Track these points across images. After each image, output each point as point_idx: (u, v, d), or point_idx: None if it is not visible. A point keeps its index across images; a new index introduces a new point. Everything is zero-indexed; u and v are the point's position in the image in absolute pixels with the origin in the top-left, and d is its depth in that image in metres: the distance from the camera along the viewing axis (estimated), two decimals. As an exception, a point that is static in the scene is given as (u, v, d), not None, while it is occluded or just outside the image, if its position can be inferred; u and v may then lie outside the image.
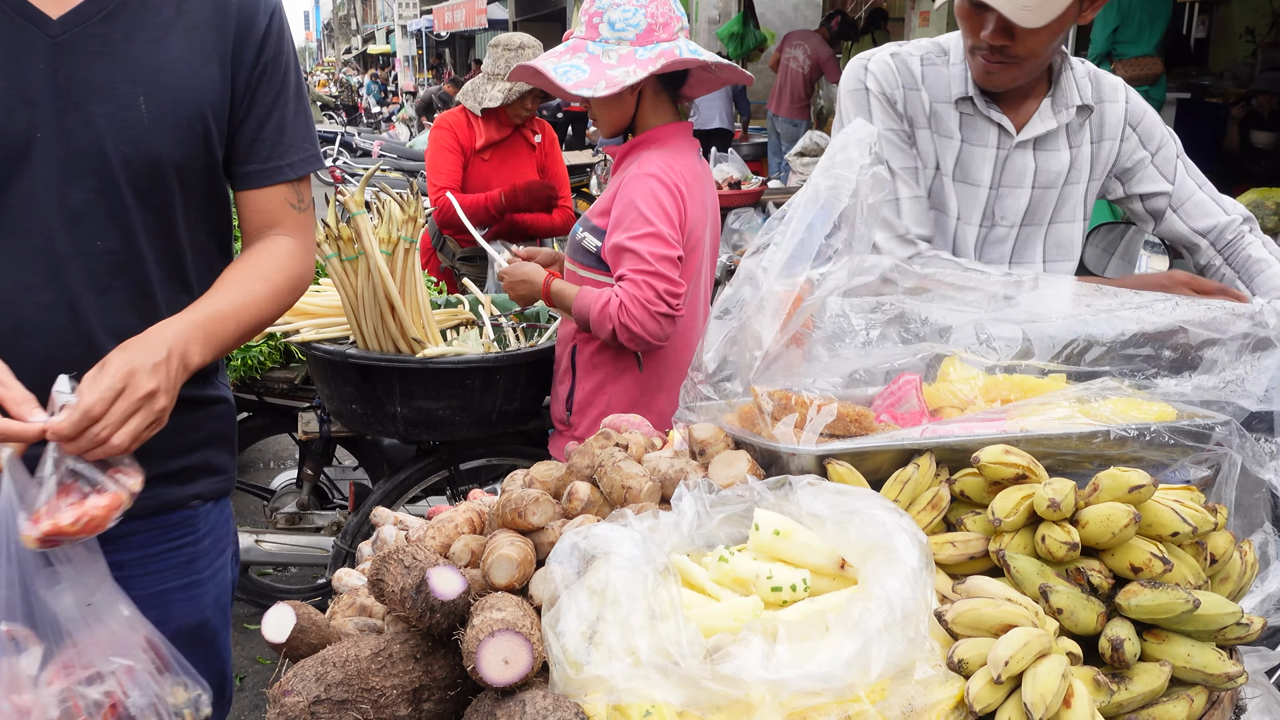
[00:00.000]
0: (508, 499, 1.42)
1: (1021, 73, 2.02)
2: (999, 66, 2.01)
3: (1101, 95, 2.17)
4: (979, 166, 2.15)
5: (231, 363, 3.21)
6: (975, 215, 2.18)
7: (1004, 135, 2.13)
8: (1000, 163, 2.14)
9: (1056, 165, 2.15)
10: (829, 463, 1.40)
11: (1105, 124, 2.18)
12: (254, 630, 4.03)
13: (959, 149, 2.16)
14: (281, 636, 1.27)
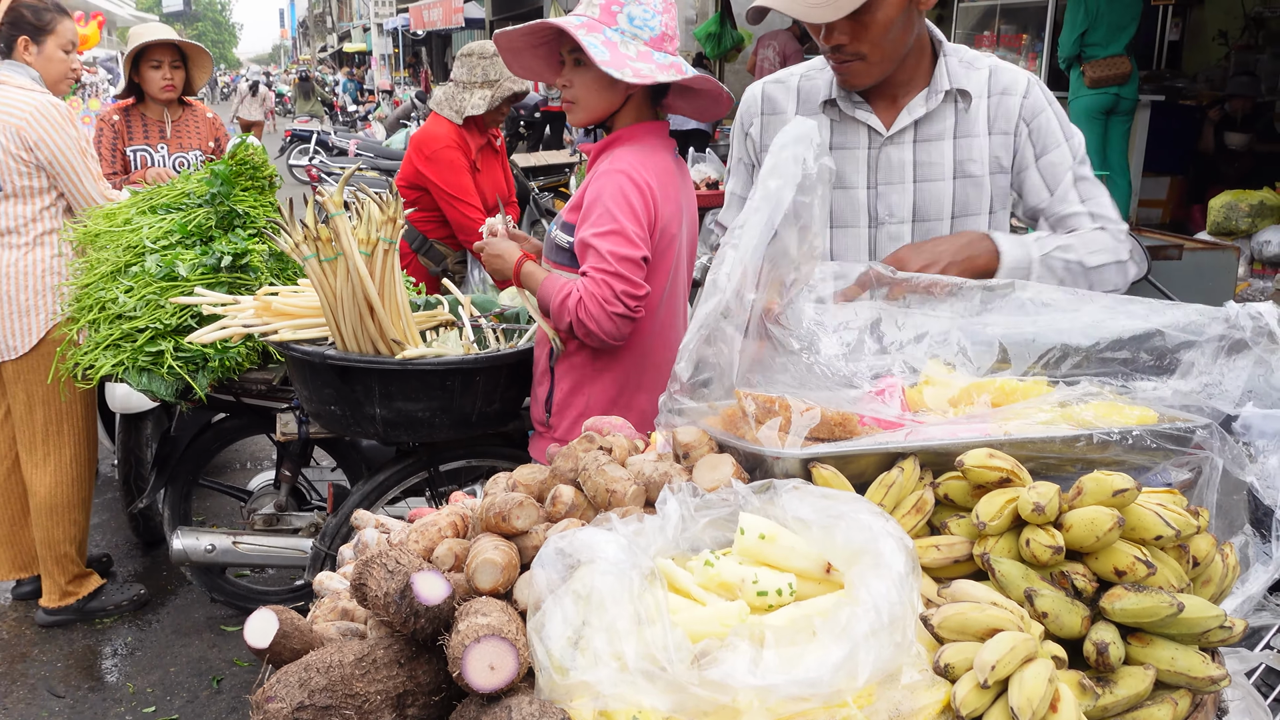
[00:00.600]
0: (491, 503, 1.41)
1: (873, 68, 2.02)
2: (846, 66, 2.03)
3: (1000, 88, 2.12)
4: (851, 169, 2.15)
5: (210, 363, 3.18)
6: (858, 218, 2.17)
7: (874, 134, 2.13)
8: (872, 161, 2.13)
9: (939, 157, 2.12)
10: (813, 466, 1.40)
11: (1002, 116, 2.12)
12: (232, 632, 4.01)
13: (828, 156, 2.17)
14: (264, 642, 1.26)
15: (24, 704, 3.56)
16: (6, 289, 3.70)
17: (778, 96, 2.24)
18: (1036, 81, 2.14)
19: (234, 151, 3.55)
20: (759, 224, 1.72)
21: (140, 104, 4.93)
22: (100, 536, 4.80)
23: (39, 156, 3.64)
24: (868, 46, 1.97)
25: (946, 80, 2.08)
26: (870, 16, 1.92)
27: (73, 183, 3.72)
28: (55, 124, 3.66)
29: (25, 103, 3.64)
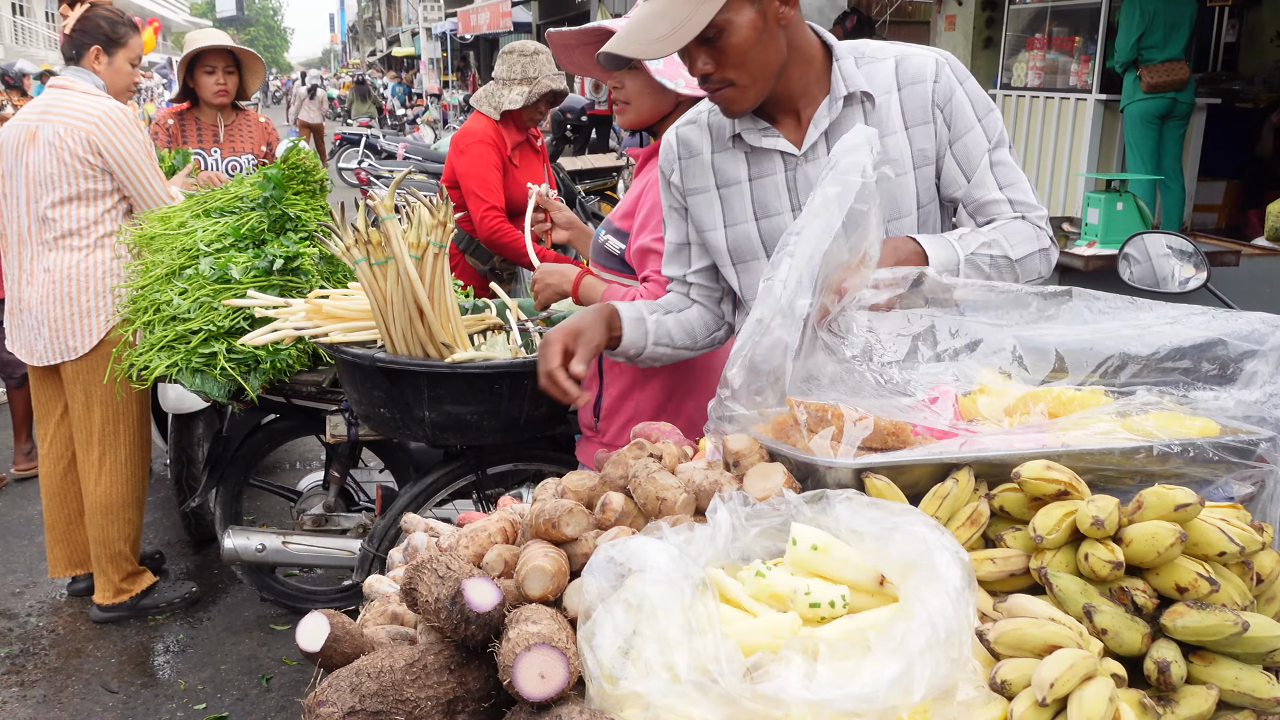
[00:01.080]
0: (541, 509, 1.41)
1: (747, 92, 1.92)
2: (719, 95, 1.94)
3: (910, 78, 2.00)
4: (772, 197, 2.07)
5: (261, 365, 3.22)
6: None
7: (787, 157, 2.04)
8: (791, 184, 2.04)
9: None
10: (866, 476, 1.39)
11: (917, 107, 2.01)
12: (281, 631, 4.05)
13: (749, 189, 2.08)
14: (316, 645, 1.27)
15: (78, 699, 3.62)
16: (68, 290, 3.77)
17: (691, 138, 2.15)
18: (947, 62, 2.01)
19: (286, 156, 3.58)
20: (816, 230, 1.71)
21: (194, 109, 5.00)
22: (153, 534, 4.87)
23: (107, 160, 3.71)
24: (733, 72, 1.88)
25: (843, 85, 1.98)
26: (724, 42, 1.84)
27: (140, 185, 3.79)
28: (124, 128, 3.73)
29: (93, 108, 3.71)
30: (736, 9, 1.81)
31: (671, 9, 1.80)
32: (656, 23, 1.81)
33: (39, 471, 4.12)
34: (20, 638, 4.00)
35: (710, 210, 2.13)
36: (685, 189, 2.16)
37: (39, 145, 3.72)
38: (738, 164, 2.08)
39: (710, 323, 2.27)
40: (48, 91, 3.86)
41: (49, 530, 4.15)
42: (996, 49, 8.67)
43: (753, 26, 1.83)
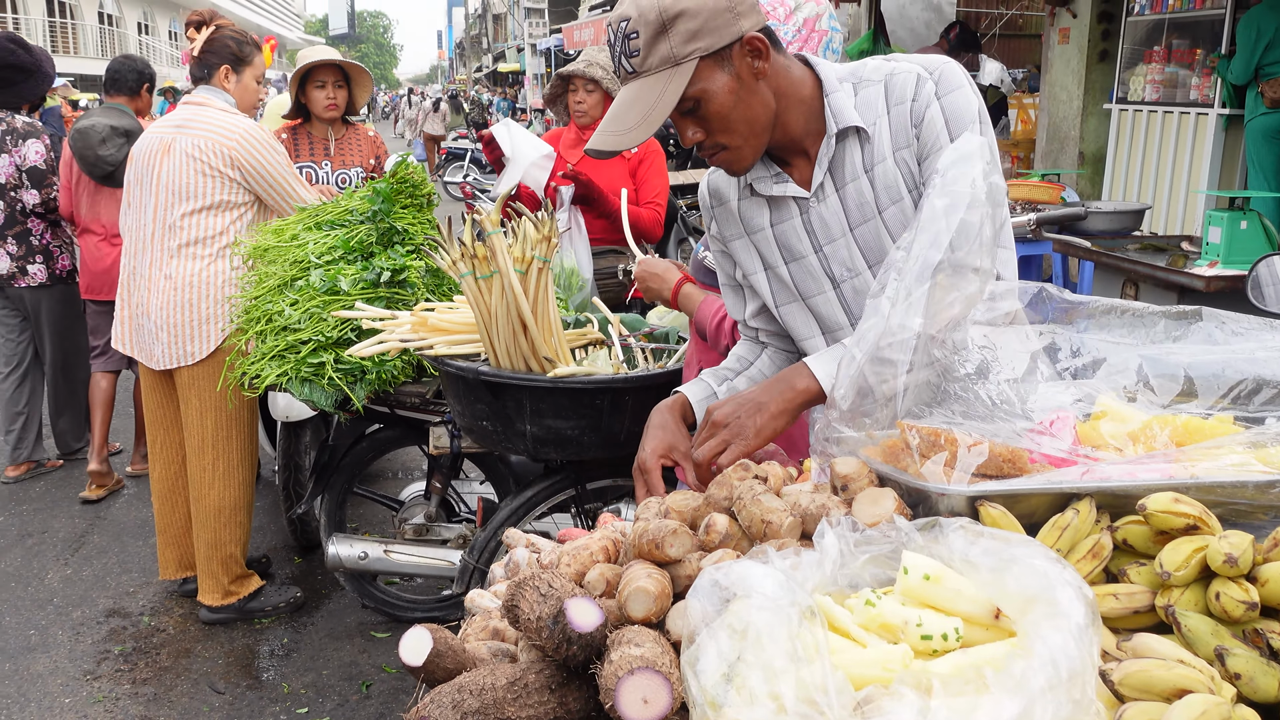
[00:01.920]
0: (645, 529, 1.39)
1: (744, 150, 1.85)
2: (717, 159, 1.89)
3: (896, 99, 1.90)
4: (795, 240, 2.01)
5: (367, 375, 3.27)
6: (821, 284, 2.02)
7: (799, 200, 1.98)
8: (808, 225, 1.98)
9: (859, 197, 1.94)
10: (981, 505, 1.34)
11: (899, 129, 1.91)
12: (382, 639, 4.11)
13: (773, 235, 2.03)
14: (418, 660, 1.27)
15: (187, 698, 3.72)
16: (189, 297, 3.88)
17: (720, 187, 2.12)
18: (932, 76, 1.88)
19: (394, 170, 3.65)
20: (925, 245, 1.67)
21: (306, 123, 5.13)
22: (260, 539, 4.99)
23: (247, 176, 3.84)
24: (722, 136, 1.83)
25: (834, 123, 1.90)
26: (704, 111, 1.79)
27: (283, 195, 3.92)
28: (265, 145, 3.87)
29: (235, 126, 3.85)
30: (707, 77, 1.76)
31: (641, 94, 1.76)
32: (628, 112, 1.77)
33: (150, 475, 4.25)
34: (134, 636, 4.13)
35: (748, 255, 2.10)
36: (723, 236, 2.14)
37: (174, 156, 3.84)
38: (761, 210, 2.04)
39: (784, 364, 2.24)
40: (183, 107, 3.99)
41: (160, 533, 4.28)
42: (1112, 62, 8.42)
43: (728, 90, 1.77)
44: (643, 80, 1.76)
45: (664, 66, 1.74)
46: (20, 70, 5.57)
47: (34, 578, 4.62)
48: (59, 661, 3.95)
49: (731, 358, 2.23)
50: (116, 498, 5.53)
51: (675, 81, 1.74)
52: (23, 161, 5.49)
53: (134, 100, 5.45)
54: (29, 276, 5.64)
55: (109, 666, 3.91)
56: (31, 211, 5.57)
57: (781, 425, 1.86)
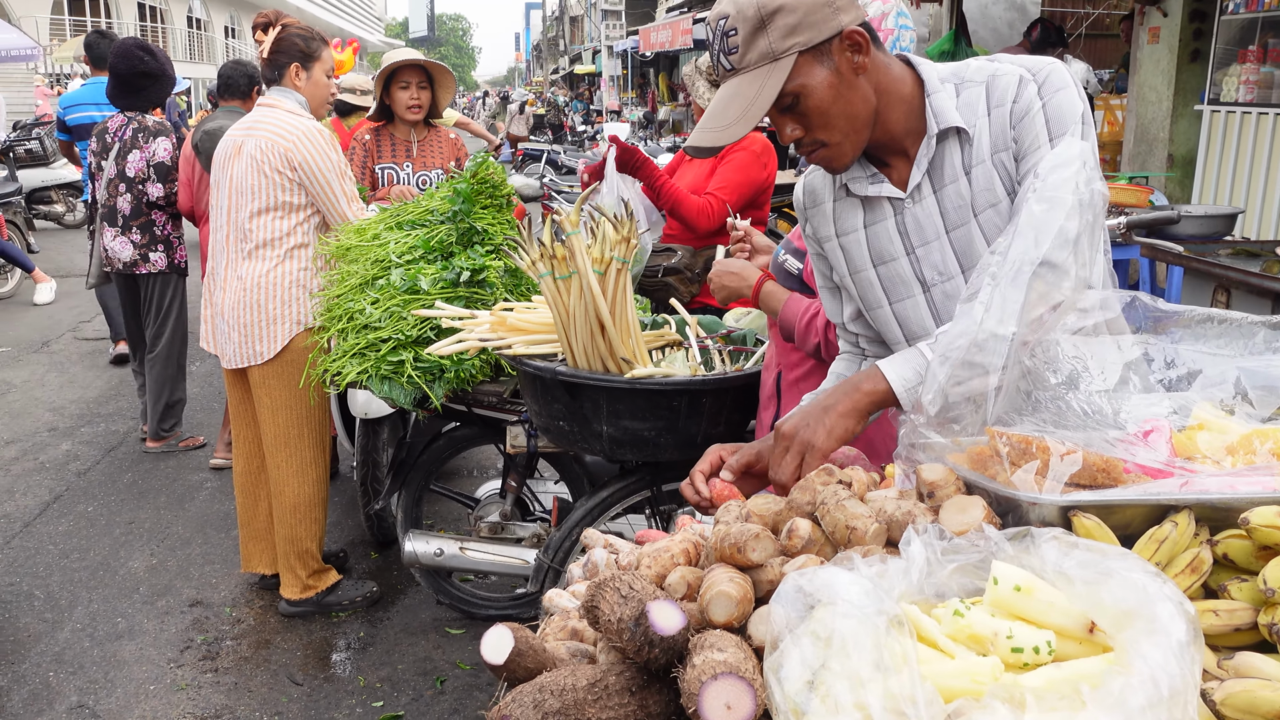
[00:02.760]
0: (727, 533, 1.38)
1: (844, 147, 1.82)
2: (816, 157, 1.85)
3: (996, 100, 1.84)
4: (885, 243, 1.97)
5: (446, 374, 3.30)
6: (911, 287, 1.97)
7: (894, 201, 1.93)
8: (901, 227, 1.94)
9: (958, 199, 1.88)
10: (1074, 515, 1.30)
11: (999, 131, 1.85)
12: (456, 635, 4.14)
13: (865, 237, 1.99)
14: (500, 658, 1.27)
15: (266, 688, 3.79)
16: (257, 297, 3.95)
17: (817, 186, 2.08)
18: (1035, 78, 1.83)
19: (475, 170, 3.68)
20: (1020, 251, 1.63)
21: (389, 124, 5.20)
22: (338, 534, 5.07)
23: (301, 176, 3.88)
24: (822, 133, 1.79)
25: (935, 123, 1.85)
26: (804, 106, 1.75)
27: (329, 201, 3.94)
28: (319, 148, 3.90)
29: (294, 127, 3.89)
30: (806, 72, 1.73)
31: (740, 90, 1.75)
32: (727, 108, 1.76)
33: (233, 469, 4.34)
34: (216, 626, 4.22)
35: (838, 258, 2.08)
36: (818, 238, 2.11)
37: (243, 158, 3.93)
38: (855, 211, 2.01)
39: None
40: (256, 109, 4.07)
41: (242, 526, 4.37)
42: (1204, 62, 8.19)
43: (829, 85, 1.75)
44: (741, 77, 1.75)
45: (762, 62, 1.72)
46: (148, 76, 5.90)
47: (121, 566, 4.75)
48: (144, 649, 4.04)
49: (830, 378, 2.20)
50: (200, 490, 5.66)
51: (774, 77, 1.72)
52: (152, 157, 5.85)
53: (246, 103, 5.63)
54: (150, 264, 5.98)
55: (192, 655, 4.00)
56: (154, 204, 5.90)
57: (850, 426, 1.82)
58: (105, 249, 5.95)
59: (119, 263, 5.94)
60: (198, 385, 7.55)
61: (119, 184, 5.84)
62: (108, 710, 3.64)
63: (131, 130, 5.87)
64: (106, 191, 5.87)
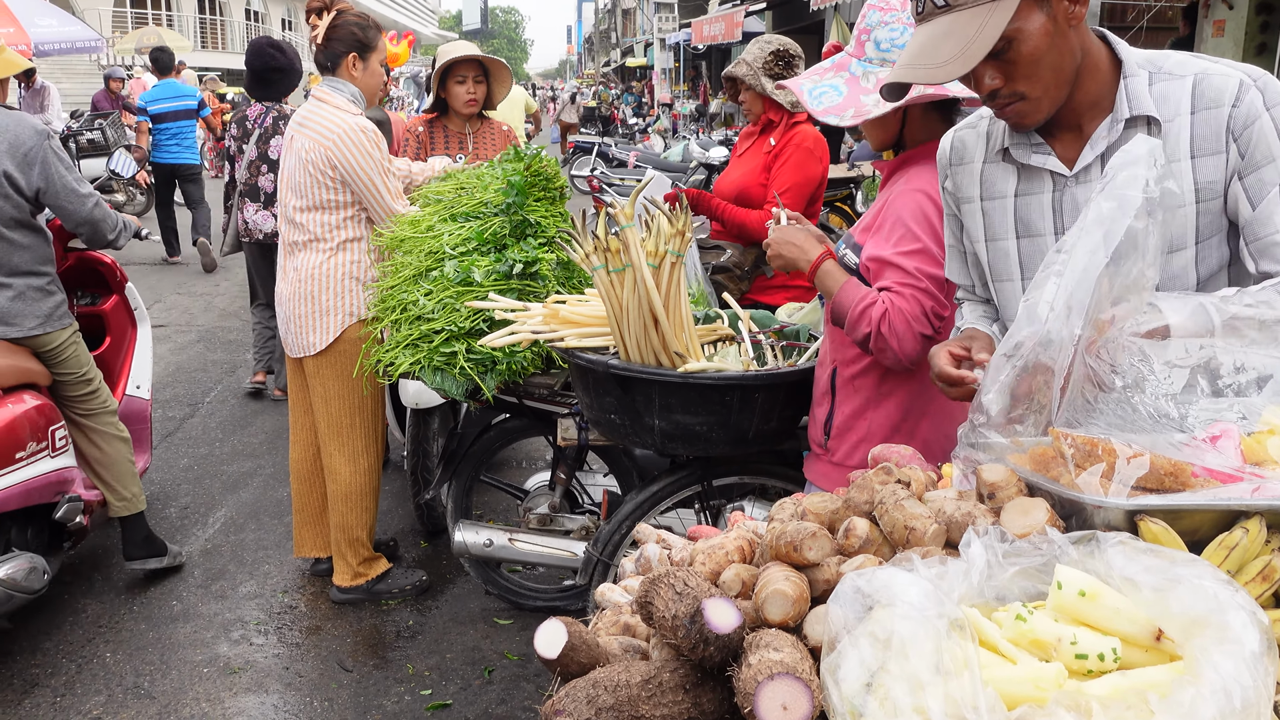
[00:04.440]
0: (783, 531, 1.37)
1: (1041, 103, 1.77)
2: (1009, 110, 1.80)
3: (1207, 101, 1.78)
4: (1036, 216, 1.92)
5: (498, 366, 3.31)
6: None
7: (1057, 176, 1.88)
8: (1057, 205, 1.89)
9: None
10: (1141, 520, 1.27)
11: (1210, 134, 1.78)
12: (504, 625, 4.16)
13: (1014, 205, 1.94)
14: (553, 653, 1.26)
15: (317, 673, 3.83)
16: (310, 289, 3.99)
17: (968, 143, 2.04)
18: (1256, 84, 1.76)
19: (528, 163, 3.68)
20: (1088, 249, 1.59)
21: (443, 117, 5.22)
22: (389, 523, 5.11)
23: (343, 174, 3.90)
24: (1024, 84, 1.74)
25: (1127, 107, 1.79)
26: (1014, 53, 1.71)
27: (372, 199, 3.96)
28: (360, 146, 3.87)
29: (337, 125, 3.88)
30: (1025, 16, 1.70)
31: (956, 27, 1.70)
32: (941, 45, 1.71)
33: (290, 456, 4.39)
34: (269, 611, 4.28)
35: (974, 221, 2.05)
36: (957, 196, 2.08)
37: (293, 154, 3.96)
38: (1007, 177, 1.97)
39: None
40: (309, 103, 4.08)
41: (296, 513, 4.42)
42: (1271, 55, 8.01)
43: (1044, 32, 1.71)
44: (958, 13, 1.70)
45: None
46: (278, 70, 6.39)
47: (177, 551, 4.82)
48: (198, 631, 4.10)
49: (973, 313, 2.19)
50: (254, 477, 5.73)
51: (998, 15, 1.68)
52: None
53: None
54: None
55: (245, 639, 4.06)
56: None
57: None
58: (246, 221, 6.31)
59: (260, 233, 6.28)
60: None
61: (260, 165, 6.20)
62: (162, 692, 3.70)
63: (272, 118, 6.20)
64: (248, 171, 6.26)
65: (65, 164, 3.87)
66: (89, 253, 4.57)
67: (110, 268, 4.71)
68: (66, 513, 3.93)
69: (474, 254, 3.49)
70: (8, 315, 3.81)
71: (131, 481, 4.32)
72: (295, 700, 3.67)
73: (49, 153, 3.79)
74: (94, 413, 4.16)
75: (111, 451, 4.22)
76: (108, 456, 4.21)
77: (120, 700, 3.66)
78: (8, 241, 3.76)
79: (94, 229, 4.00)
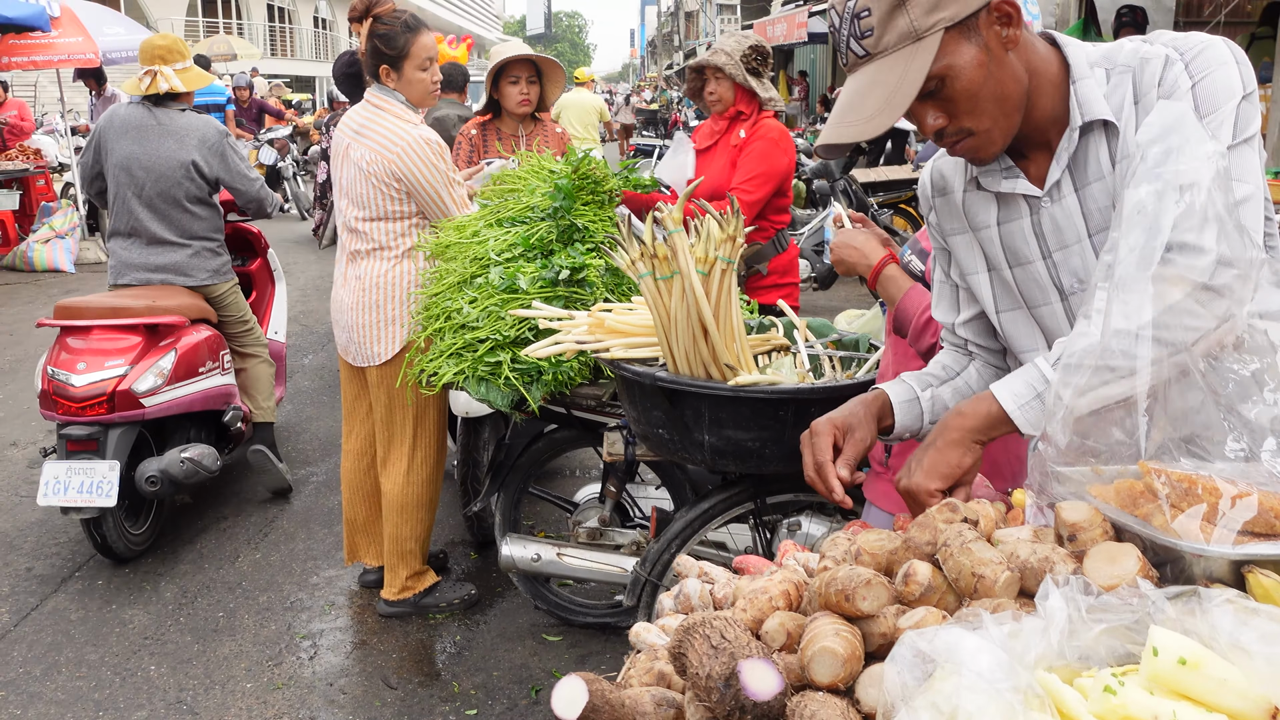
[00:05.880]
0: (833, 578, 1.21)
1: (992, 134, 1.60)
2: (961, 148, 1.63)
3: (1146, 86, 1.61)
4: (1021, 243, 1.75)
5: (544, 376, 3.19)
6: (1047, 294, 1.76)
7: (1031, 199, 1.71)
8: (1038, 228, 1.72)
9: (1103, 199, 1.65)
10: (1250, 571, 1.10)
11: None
12: (553, 642, 4.04)
13: (998, 235, 1.77)
14: (573, 715, 1.13)
15: (361, 689, 3.74)
16: (375, 298, 3.90)
17: (946, 173, 1.87)
18: (1182, 56, 1.60)
19: (576, 165, 3.55)
20: (1135, 246, 1.40)
21: (496, 119, 5.12)
22: (438, 533, 5.01)
23: (409, 187, 3.81)
24: (969, 120, 1.58)
25: (1079, 115, 1.63)
26: (950, 90, 1.54)
27: (438, 211, 3.87)
28: (426, 160, 3.79)
29: (400, 137, 3.79)
30: (953, 51, 1.53)
31: (880, 77, 1.55)
32: (867, 97, 1.56)
33: (342, 464, 4.31)
34: (315, 625, 4.20)
35: (969, 254, 1.87)
36: (943, 230, 1.91)
37: (350, 163, 3.87)
38: (987, 207, 1.80)
39: (994, 379, 2.00)
40: (364, 107, 3.97)
41: (347, 522, 4.34)
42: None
43: (978, 64, 1.54)
44: (879, 62, 1.56)
45: (903, 43, 1.53)
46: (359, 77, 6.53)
47: (226, 561, 4.77)
48: (244, 645, 4.04)
49: (935, 365, 2.01)
50: (305, 485, 5.67)
51: (919, 59, 1.53)
52: None
53: (461, 95, 6.71)
54: None
55: (289, 653, 3.98)
56: None
57: (955, 460, 1.67)
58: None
59: None
60: (310, 376, 7.63)
61: None
62: (205, 708, 3.63)
63: None
64: None
65: (240, 155, 5.01)
66: (240, 224, 5.65)
67: (256, 236, 5.88)
68: (232, 418, 5.12)
69: (520, 260, 3.36)
70: (187, 269, 4.95)
71: (269, 398, 5.48)
72: (338, 719, 3.57)
73: (227, 147, 4.93)
74: (248, 346, 5.34)
75: (259, 375, 5.41)
76: (256, 378, 5.39)
77: (162, 715, 3.59)
78: (190, 214, 4.88)
79: (260, 205, 5.09)
